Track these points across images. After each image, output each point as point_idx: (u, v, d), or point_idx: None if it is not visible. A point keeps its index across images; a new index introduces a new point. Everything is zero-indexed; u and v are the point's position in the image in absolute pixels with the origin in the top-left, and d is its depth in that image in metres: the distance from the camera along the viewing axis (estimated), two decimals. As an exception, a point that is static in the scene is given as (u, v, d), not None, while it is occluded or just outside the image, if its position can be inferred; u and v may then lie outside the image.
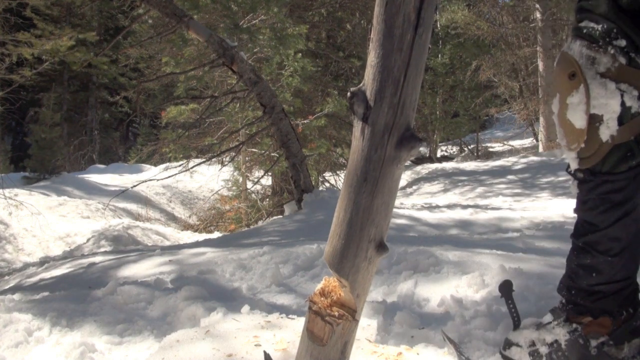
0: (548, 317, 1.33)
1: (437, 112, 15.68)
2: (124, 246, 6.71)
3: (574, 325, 1.25)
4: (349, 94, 0.92)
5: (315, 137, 8.44)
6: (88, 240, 7.56)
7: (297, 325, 1.58)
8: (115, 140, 22.84)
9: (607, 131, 1.14)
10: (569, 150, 1.21)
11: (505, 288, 1.40)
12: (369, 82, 0.90)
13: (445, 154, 16.53)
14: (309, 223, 5.08)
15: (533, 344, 1.29)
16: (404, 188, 10.82)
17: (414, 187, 10.15)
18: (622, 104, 1.13)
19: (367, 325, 1.57)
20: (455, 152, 16.35)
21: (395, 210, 5.93)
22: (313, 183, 7.41)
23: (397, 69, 0.88)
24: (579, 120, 1.17)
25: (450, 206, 6.39)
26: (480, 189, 8.41)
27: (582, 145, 1.17)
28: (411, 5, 0.85)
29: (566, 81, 1.18)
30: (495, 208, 5.97)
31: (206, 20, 6.81)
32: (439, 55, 15.74)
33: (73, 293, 2.49)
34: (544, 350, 1.27)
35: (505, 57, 12.14)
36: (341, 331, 1.03)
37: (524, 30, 12.17)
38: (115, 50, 14.28)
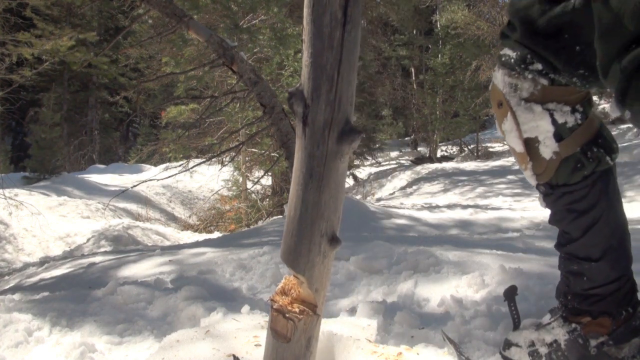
0: (547, 318, 1.33)
1: (437, 112, 15.68)
2: (124, 246, 6.71)
3: (573, 325, 1.25)
4: (287, 94, 0.95)
5: (315, 137, 8.43)
6: (88, 240, 7.57)
7: (297, 325, 1.58)
8: (115, 140, 22.86)
9: (548, 149, 1.17)
10: (523, 170, 1.25)
11: (510, 292, 1.41)
12: (305, 81, 0.93)
13: (445, 154, 16.53)
14: (309, 223, 5.06)
15: (532, 344, 1.29)
16: (404, 188, 10.82)
17: (414, 187, 10.16)
18: (554, 122, 1.15)
19: (367, 325, 1.57)
20: (455, 152, 16.36)
21: (395, 210, 5.93)
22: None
23: (329, 67, 0.90)
24: (516, 146, 1.21)
25: (450, 206, 6.40)
26: (480, 189, 8.41)
27: (530, 165, 1.21)
28: (337, 4, 0.88)
29: (497, 110, 1.21)
30: (495, 208, 5.98)
31: (206, 20, 6.81)
32: (439, 55, 15.75)
33: (73, 293, 2.49)
34: (543, 350, 1.27)
35: (505, 57, 12.12)
36: (303, 326, 1.04)
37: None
38: (115, 50, 14.29)
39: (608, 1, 0.79)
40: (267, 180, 10.33)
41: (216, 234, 8.50)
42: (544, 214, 5.37)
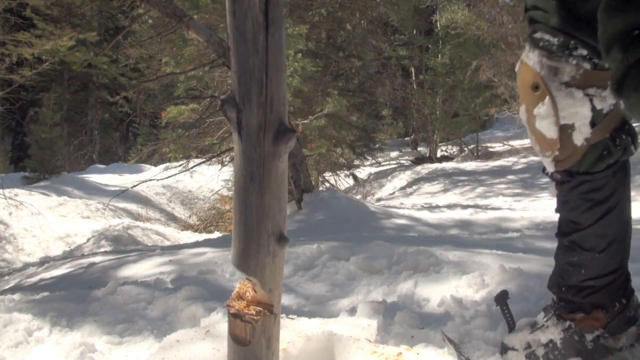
0: (541, 317, 1.32)
1: (437, 112, 15.68)
2: (124, 246, 6.71)
3: (568, 323, 1.24)
4: (219, 102, 0.97)
5: (315, 137, 8.45)
6: (88, 240, 7.56)
7: (297, 325, 1.58)
8: (115, 140, 22.85)
9: (581, 136, 1.11)
10: (544, 156, 1.19)
11: (501, 297, 1.40)
12: (235, 87, 0.95)
13: (445, 154, 16.52)
14: (309, 223, 5.08)
15: (529, 346, 1.28)
16: (404, 188, 10.82)
17: (414, 187, 10.16)
18: (593, 108, 1.09)
19: (367, 325, 1.57)
20: (455, 152, 16.35)
21: (395, 210, 5.93)
22: (313, 183, 7.40)
23: (257, 70, 0.93)
24: (549, 132, 1.13)
25: (450, 206, 6.40)
26: (480, 189, 8.41)
27: (557, 152, 1.15)
28: (257, 9, 0.90)
29: (530, 93, 1.14)
30: (495, 208, 5.98)
31: (206, 20, 6.80)
32: (439, 55, 15.74)
33: (73, 293, 2.49)
34: (540, 351, 1.26)
35: (505, 57, 12.14)
36: (261, 327, 1.06)
37: (524, 30, 12.15)
38: (115, 50, 14.27)
39: None
40: (267, 180, 10.32)
41: (216, 234, 8.50)
42: (544, 214, 5.41)
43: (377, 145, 16.45)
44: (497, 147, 15.03)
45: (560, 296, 1.27)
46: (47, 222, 8.40)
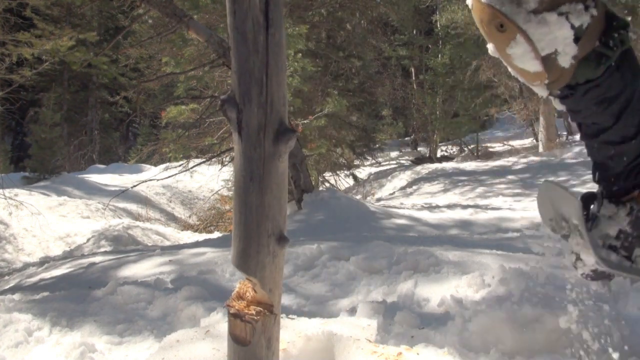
0: (596, 208, 1.23)
1: (437, 112, 15.68)
2: (124, 246, 6.71)
3: (629, 206, 1.17)
4: (219, 102, 0.97)
5: (315, 137, 8.45)
6: (88, 240, 7.56)
7: (297, 325, 1.58)
8: (115, 140, 22.85)
9: (567, 57, 1.00)
10: (532, 85, 1.09)
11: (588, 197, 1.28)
12: (235, 87, 0.95)
13: (445, 154, 16.52)
14: (308, 223, 5.08)
15: (604, 244, 1.20)
16: (404, 188, 10.82)
17: (414, 187, 10.16)
18: (572, 26, 0.97)
19: (367, 325, 1.57)
20: (455, 152, 16.35)
21: (395, 210, 5.93)
22: (313, 183, 7.41)
23: (257, 70, 0.93)
24: (532, 67, 1.01)
25: (450, 206, 6.40)
26: (480, 189, 8.41)
27: (546, 81, 1.05)
28: (257, 9, 0.91)
29: (495, 33, 1.00)
30: (495, 208, 5.98)
31: (206, 20, 6.80)
32: (439, 55, 15.74)
33: (73, 293, 2.49)
34: (615, 243, 1.19)
35: (506, 57, 12.13)
36: (262, 327, 1.06)
37: (524, 30, 12.13)
38: (115, 50, 14.27)
39: None
40: (267, 180, 10.31)
41: (216, 234, 8.50)
42: (544, 214, 5.38)
43: (377, 145, 16.45)
44: (497, 147, 15.03)
45: (610, 186, 1.21)
46: (47, 222, 8.40)
